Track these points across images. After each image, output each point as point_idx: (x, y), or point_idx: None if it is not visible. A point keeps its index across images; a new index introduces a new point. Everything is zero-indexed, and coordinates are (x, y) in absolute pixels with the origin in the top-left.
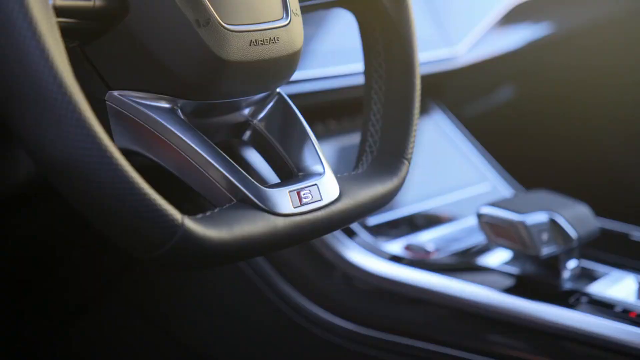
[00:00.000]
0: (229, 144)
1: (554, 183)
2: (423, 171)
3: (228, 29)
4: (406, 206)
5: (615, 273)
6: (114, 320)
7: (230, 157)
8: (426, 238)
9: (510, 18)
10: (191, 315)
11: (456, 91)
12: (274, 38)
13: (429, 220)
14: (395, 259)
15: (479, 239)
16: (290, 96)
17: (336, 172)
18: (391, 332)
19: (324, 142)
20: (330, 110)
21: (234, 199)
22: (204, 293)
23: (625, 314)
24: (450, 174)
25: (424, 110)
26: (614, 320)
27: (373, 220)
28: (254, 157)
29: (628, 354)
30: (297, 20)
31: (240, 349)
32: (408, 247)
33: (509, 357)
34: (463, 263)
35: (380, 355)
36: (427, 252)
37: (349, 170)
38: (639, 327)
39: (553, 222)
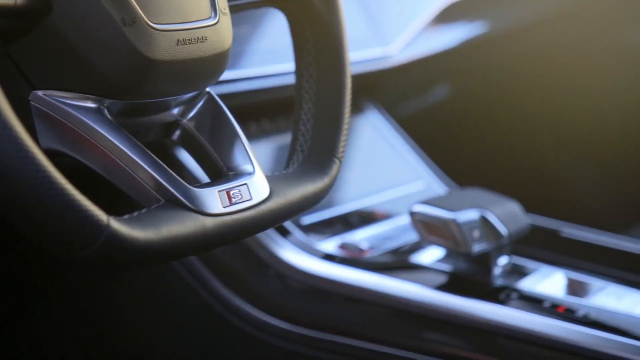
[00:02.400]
0: (162, 144)
1: (487, 181)
2: (358, 170)
3: (155, 28)
4: (341, 205)
5: (545, 269)
6: (44, 321)
7: (163, 157)
8: (360, 236)
9: (444, 17)
10: (124, 316)
11: (391, 90)
12: (202, 37)
13: (363, 219)
14: (329, 257)
15: (413, 236)
16: (223, 96)
17: (271, 172)
18: (326, 331)
19: (258, 142)
20: (264, 109)
21: (162, 199)
22: (137, 293)
23: (553, 309)
24: (384, 173)
25: (359, 110)
26: (543, 315)
27: (307, 219)
28: (187, 157)
29: (556, 348)
30: (226, 20)
31: (173, 349)
32: (342, 246)
33: (442, 353)
34: (396, 261)
35: (315, 354)
36: (361, 251)
37: (284, 170)
38: (567, 322)
39: (484, 219)
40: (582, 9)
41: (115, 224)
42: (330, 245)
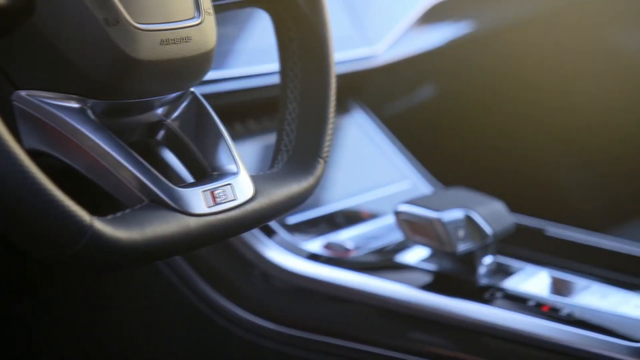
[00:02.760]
0: (148, 144)
1: (472, 181)
2: (344, 170)
3: (138, 28)
4: (326, 205)
5: (530, 268)
6: (30, 320)
7: (149, 157)
8: (346, 236)
9: (430, 17)
10: (109, 316)
11: (377, 90)
12: (186, 37)
13: (349, 219)
14: (315, 257)
15: (398, 236)
16: (208, 95)
17: (257, 172)
18: (311, 331)
19: (243, 142)
20: (250, 109)
21: (145, 200)
22: (122, 293)
23: (537, 308)
24: (370, 173)
25: (345, 110)
26: (527, 314)
27: (292, 218)
28: (173, 157)
29: (540, 347)
30: (210, 20)
31: (158, 349)
32: (327, 246)
33: (427, 353)
34: (382, 261)
35: (301, 354)
36: (346, 250)
37: (269, 169)
38: (551, 321)
39: (469, 219)
40: (567, 9)
41: (99, 225)
42: (315, 245)
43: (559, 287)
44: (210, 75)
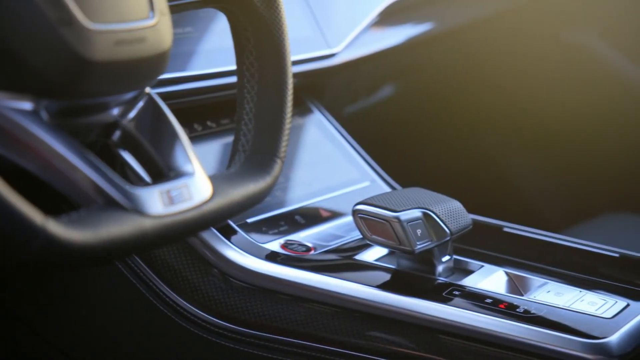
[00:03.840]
0: (108, 144)
1: (430, 181)
2: (303, 171)
3: (92, 29)
4: (286, 205)
5: (487, 266)
6: None
7: (108, 157)
8: (305, 235)
9: (386, 17)
10: (65, 317)
11: (335, 90)
12: (141, 38)
13: (308, 218)
14: (274, 256)
15: (357, 235)
16: (165, 96)
17: (216, 172)
18: (271, 331)
19: (203, 142)
20: (209, 109)
21: (99, 201)
22: (80, 292)
23: (495, 306)
24: (329, 174)
25: (303, 110)
26: (485, 311)
27: (252, 218)
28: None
29: (498, 344)
30: (165, 20)
31: (118, 350)
32: (287, 244)
33: (388, 351)
34: (341, 260)
35: (260, 353)
36: (306, 249)
37: (226, 169)
38: (508, 318)
39: (427, 218)
40: (526, 8)
41: (52, 225)
42: (274, 244)
43: (515, 285)
44: (167, 75)
